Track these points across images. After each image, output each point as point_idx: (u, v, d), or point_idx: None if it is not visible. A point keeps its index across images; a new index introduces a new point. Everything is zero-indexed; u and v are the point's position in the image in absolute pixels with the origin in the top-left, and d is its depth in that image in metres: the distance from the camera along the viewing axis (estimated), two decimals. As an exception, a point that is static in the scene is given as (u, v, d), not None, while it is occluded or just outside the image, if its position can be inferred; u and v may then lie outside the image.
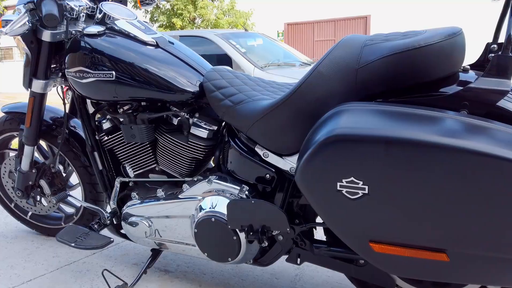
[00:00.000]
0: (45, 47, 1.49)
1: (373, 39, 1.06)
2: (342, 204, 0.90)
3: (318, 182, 0.91)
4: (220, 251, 1.28)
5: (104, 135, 1.52)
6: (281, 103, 1.11)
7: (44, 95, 1.62)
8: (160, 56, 1.36)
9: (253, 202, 1.16)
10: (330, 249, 1.22)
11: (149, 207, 1.42)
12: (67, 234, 1.44)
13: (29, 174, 1.76)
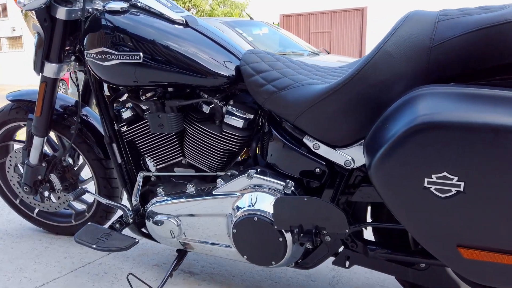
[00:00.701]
0: (59, 26, 1.33)
1: (447, 13, 0.93)
2: (428, 203, 0.78)
3: (400, 178, 0.79)
4: (263, 254, 1.15)
5: (124, 125, 1.38)
6: (340, 87, 0.98)
7: (57, 80, 1.46)
8: (191, 36, 1.22)
9: (306, 199, 1.03)
10: (387, 252, 1.09)
11: (178, 204, 1.28)
12: (87, 234, 1.30)
13: (38, 168, 1.61)
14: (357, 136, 1.02)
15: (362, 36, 15.22)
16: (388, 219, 1.14)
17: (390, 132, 0.80)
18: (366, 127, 1.00)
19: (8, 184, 1.83)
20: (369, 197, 1.10)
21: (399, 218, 0.84)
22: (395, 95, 0.95)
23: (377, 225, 1.11)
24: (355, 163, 1.05)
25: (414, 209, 0.80)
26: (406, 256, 1.08)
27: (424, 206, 0.79)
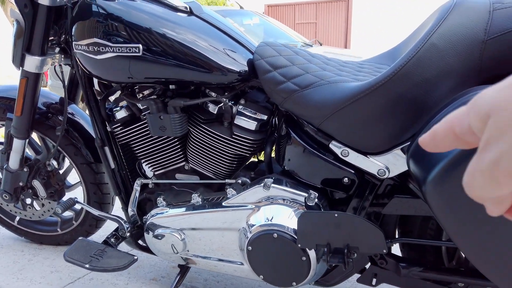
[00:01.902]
0: (42, 13, 1.15)
1: (501, 1, 0.81)
2: (492, 224, 0.66)
3: (460, 197, 0.66)
4: (283, 274, 1.02)
5: (118, 126, 1.22)
6: (378, 86, 0.84)
7: (39, 75, 1.28)
8: (196, 25, 1.06)
9: (337, 215, 0.90)
10: (422, 270, 0.98)
11: (182, 216, 1.14)
12: (78, 251, 1.14)
13: (20, 173, 1.43)
14: (394, 142, 0.90)
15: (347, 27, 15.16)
16: (420, 234, 1.03)
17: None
18: (406, 132, 0.88)
19: (-16, 190, 1.65)
20: (401, 210, 0.98)
21: (457, 242, 0.72)
22: (442, 95, 0.82)
23: (416, 242, 0.99)
24: (390, 172, 0.92)
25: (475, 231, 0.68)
26: (444, 274, 0.96)
27: (487, 229, 0.67)
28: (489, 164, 0.23)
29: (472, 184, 0.24)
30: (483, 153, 0.23)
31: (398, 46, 1.11)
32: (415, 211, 0.95)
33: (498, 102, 0.23)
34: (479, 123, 0.24)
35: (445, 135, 0.27)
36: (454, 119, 0.26)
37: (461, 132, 0.26)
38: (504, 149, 0.22)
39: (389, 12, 12.62)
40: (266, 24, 4.53)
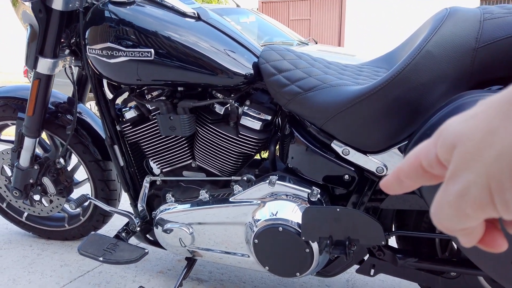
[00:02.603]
0: (55, 17, 1.20)
1: (490, 11, 0.88)
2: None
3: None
4: (288, 265, 1.08)
5: (128, 125, 1.27)
6: (378, 89, 0.91)
7: (51, 77, 1.33)
8: (204, 30, 1.12)
9: (339, 210, 0.97)
10: (417, 260, 1.05)
11: (191, 212, 1.20)
12: (91, 245, 1.20)
13: (30, 170, 1.48)
14: (391, 141, 0.96)
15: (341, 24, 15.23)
16: (416, 227, 1.10)
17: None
18: (403, 132, 0.94)
19: (-6, 187, 1.69)
20: (397, 205, 1.05)
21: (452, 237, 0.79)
22: (436, 98, 0.89)
23: (412, 234, 1.06)
24: (387, 169, 0.99)
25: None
26: (437, 264, 1.04)
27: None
28: (456, 196, 0.22)
29: (440, 216, 0.24)
30: (450, 184, 0.23)
31: (394, 51, 1.17)
32: (410, 206, 1.02)
33: (463, 132, 0.22)
34: (446, 154, 0.23)
35: (411, 170, 0.26)
36: (421, 151, 0.26)
37: (428, 164, 0.25)
38: (471, 180, 0.21)
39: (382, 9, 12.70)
40: (262, 22, 4.58)
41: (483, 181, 0.21)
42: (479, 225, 0.24)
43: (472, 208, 0.22)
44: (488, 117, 0.22)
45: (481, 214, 0.22)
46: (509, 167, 0.20)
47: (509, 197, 0.20)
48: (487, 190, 0.21)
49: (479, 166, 0.21)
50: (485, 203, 0.21)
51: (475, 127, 0.22)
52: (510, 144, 0.20)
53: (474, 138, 0.22)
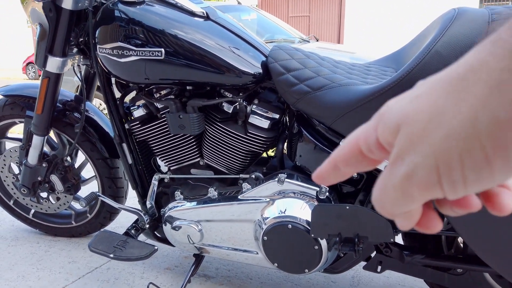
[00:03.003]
0: (65, 16, 1.21)
1: (498, 12, 0.89)
2: (496, 216, 0.74)
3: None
4: (297, 262, 1.10)
5: (136, 124, 1.28)
6: (388, 89, 0.92)
7: (60, 76, 1.34)
8: (213, 30, 1.13)
9: (348, 208, 0.99)
10: (424, 257, 1.07)
11: (200, 209, 1.21)
12: (102, 242, 1.21)
13: (38, 168, 1.50)
14: (400, 140, 0.98)
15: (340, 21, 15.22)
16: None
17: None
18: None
19: (1, 184, 1.71)
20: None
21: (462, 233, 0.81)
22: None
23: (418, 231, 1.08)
24: (396, 168, 1.01)
25: (480, 223, 0.77)
26: (444, 261, 1.06)
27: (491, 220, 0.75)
28: (402, 178, 0.21)
29: (383, 200, 0.23)
30: (395, 167, 0.22)
31: (402, 51, 1.19)
32: None
33: (408, 113, 0.22)
34: (389, 137, 0.23)
35: (349, 156, 0.25)
36: (359, 136, 0.25)
37: (368, 149, 0.24)
38: (418, 162, 0.21)
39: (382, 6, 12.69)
40: (263, 19, 4.58)
41: (431, 162, 0.20)
42: (419, 207, 0.23)
43: (418, 190, 0.21)
44: (433, 97, 0.21)
45: (427, 196, 0.21)
46: (458, 148, 0.19)
47: (456, 177, 0.20)
48: (435, 171, 0.20)
49: (426, 147, 0.21)
50: (432, 184, 0.21)
51: (420, 108, 0.21)
52: (459, 124, 0.20)
53: (420, 119, 0.21)
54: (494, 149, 0.19)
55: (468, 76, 0.20)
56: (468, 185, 0.20)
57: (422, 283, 1.38)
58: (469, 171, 0.19)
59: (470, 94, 0.20)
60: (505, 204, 0.23)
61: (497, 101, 0.19)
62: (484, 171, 0.19)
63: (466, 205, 0.23)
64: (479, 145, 0.19)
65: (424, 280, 1.19)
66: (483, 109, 0.19)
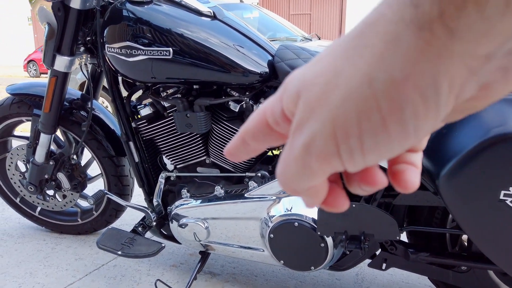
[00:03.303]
0: (73, 16, 1.22)
1: None
2: (503, 215, 0.76)
3: (474, 190, 0.76)
4: (303, 260, 1.12)
5: (143, 122, 1.29)
6: None
7: (68, 74, 1.36)
8: (220, 29, 1.15)
9: (354, 206, 1.00)
10: (429, 255, 1.08)
11: (207, 207, 1.23)
12: (110, 239, 1.23)
13: (46, 166, 1.51)
14: (406, 139, 0.99)
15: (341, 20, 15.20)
16: (427, 222, 1.13)
17: (461, 143, 0.77)
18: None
19: (7, 182, 1.72)
20: (410, 201, 1.07)
21: (468, 231, 0.82)
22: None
23: (424, 229, 1.09)
24: (401, 167, 1.02)
25: (486, 221, 0.78)
26: (449, 259, 1.07)
27: (498, 219, 0.76)
28: (301, 149, 0.20)
29: (286, 175, 0.22)
30: (295, 137, 0.21)
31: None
32: (422, 202, 1.05)
33: (308, 78, 0.20)
34: (291, 105, 0.21)
35: (257, 129, 0.24)
36: (266, 108, 0.23)
37: (274, 121, 0.23)
38: (316, 129, 0.19)
39: (383, 4, 12.68)
40: (265, 17, 4.59)
41: (329, 129, 0.19)
42: (324, 183, 0.22)
43: (317, 161, 0.20)
44: (332, 58, 0.19)
45: (327, 168, 0.20)
46: (355, 110, 0.18)
47: (354, 145, 0.19)
48: (333, 138, 0.19)
49: (324, 113, 0.19)
50: (330, 154, 0.19)
51: (319, 71, 0.20)
52: (356, 84, 0.18)
53: (318, 82, 0.20)
54: (390, 111, 0.17)
55: (365, 31, 0.18)
56: (366, 154, 0.19)
57: (426, 280, 1.40)
58: (366, 136, 0.18)
59: (367, 50, 0.18)
60: (411, 181, 0.22)
61: (392, 58, 0.17)
62: (381, 137, 0.18)
63: (372, 182, 0.21)
64: (376, 106, 0.18)
65: (428, 278, 1.21)
66: (379, 67, 0.17)
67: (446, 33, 0.16)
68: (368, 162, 0.19)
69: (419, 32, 0.16)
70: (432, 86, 0.17)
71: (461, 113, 0.20)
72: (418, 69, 0.17)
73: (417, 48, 0.17)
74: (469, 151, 0.75)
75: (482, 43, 0.16)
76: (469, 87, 0.18)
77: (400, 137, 0.18)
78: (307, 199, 0.23)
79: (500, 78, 0.18)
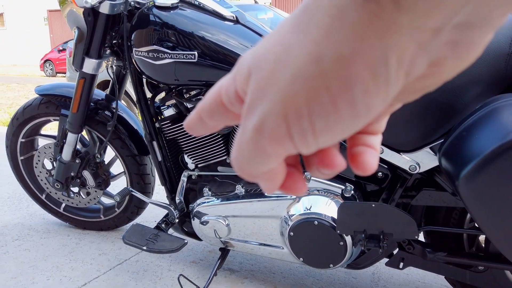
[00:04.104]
0: (101, 20, 1.28)
1: None
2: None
3: (495, 192, 0.78)
4: (322, 257, 1.15)
5: (167, 123, 1.34)
6: None
7: (95, 76, 1.41)
8: (242, 33, 1.19)
9: (374, 206, 1.03)
10: (447, 255, 1.10)
11: (228, 205, 1.27)
12: (135, 235, 1.28)
13: (72, 164, 1.57)
14: (424, 141, 1.02)
15: (355, 19, 15.10)
16: (444, 222, 1.15)
17: (481, 145, 0.79)
18: (435, 132, 1.00)
19: (34, 179, 1.79)
20: (429, 201, 1.10)
21: (487, 231, 0.84)
22: (470, 100, 0.94)
23: (443, 230, 1.11)
24: (420, 167, 1.05)
25: (506, 222, 0.80)
26: (466, 259, 1.09)
27: (515, 219, 0.79)
28: (253, 131, 0.19)
29: (239, 160, 0.21)
30: (246, 119, 0.20)
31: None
32: (440, 202, 1.08)
33: (258, 55, 0.19)
34: (244, 85, 0.20)
35: (212, 108, 0.23)
36: (221, 87, 0.22)
37: (229, 101, 0.22)
38: (266, 110, 0.18)
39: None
40: (280, 18, 4.61)
41: (279, 109, 0.18)
42: (280, 167, 0.21)
43: (270, 143, 0.19)
44: (282, 34, 0.18)
45: (280, 150, 0.19)
46: (305, 89, 0.17)
47: (305, 126, 0.18)
48: (284, 119, 0.18)
49: (275, 92, 0.18)
50: (282, 136, 0.18)
51: (269, 48, 0.19)
52: (303, 63, 0.17)
53: (268, 60, 0.18)
54: (339, 90, 0.17)
55: (310, 6, 0.17)
56: (318, 135, 0.18)
57: (442, 280, 1.42)
58: (316, 117, 0.17)
59: (313, 26, 0.17)
60: (369, 162, 0.22)
61: (339, 33, 0.16)
62: (332, 117, 0.17)
63: (330, 164, 0.21)
64: (325, 85, 0.17)
65: (445, 277, 1.23)
66: (326, 43, 0.16)
67: (392, 4, 0.15)
68: (321, 144, 0.19)
69: (365, 4, 0.16)
70: (381, 61, 0.16)
71: (413, 93, 0.19)
72: (366, 44, 0.16)
73: (364, 22, 0.16)
74: (490, 152, 0.77)
75: (430, 15, 0.15)
76: (419, 62, 0.17)
77: (351, 117, 0.17)
78: (264, 184, 0.22)
79: (449, 53, 0.17)
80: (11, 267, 1.52)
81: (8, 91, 8.62)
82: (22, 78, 12.64)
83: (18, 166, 1.78)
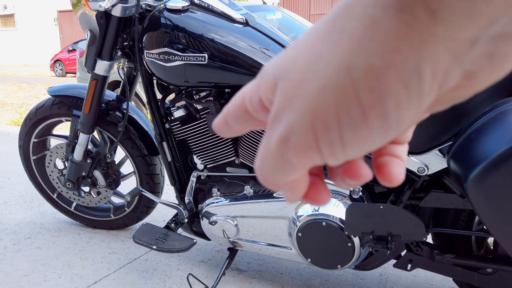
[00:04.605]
0: (113, 23, 1.30)
1: None
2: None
3: (504, 194, 0.79)
4: (330, 258, 1.16)
5: (177, 124, 1.36)
6: None
7: (107, 78, 1.43)
8: (253, 35, 1.20)
9: (382, 207, 1.04)
10: (455, 257, 1.10)
11: (237, 206, 1.28)
12: (145, 234, 1.30)
13: (83, 164, 1.60)
14: (433, 143, 1.02)
15: (363, 19, 15.03)
16: (453, 224, 1.15)
17: (490, 147, 0.80)
18: (444, 135, 1.00)
19: (46, 178, 1.82)
20: (437, 203, 1.10)
21: (495, 234, 0.85)
22: (478, 102, 0.94)
23: (451, 232, 1.12)
24: (429, 169, 1.05)
25: None
26: (475, 261, 1.09)
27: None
28: (279, 141, 0.19)
29: (263, 170, 0.20)
30: (272, 129, 0.19)
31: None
32: (449, 205, 1.08)
33: (284, 64, 0.19)
34: (269, 94, 0.20)
35: (237, 114, 0.23)
36: (246, 94, 0.22)
37: (253, 109, 0.22)
38: (294, 120, 0.18)
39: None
40: (288, 19, 4.63)
41: (307, 120, 0.18)
42: (304, 177, 0.21)
43: (296, 154, 0.19)
44: (310, 43, 0.18)
45: (306, 161, 0.19)
46: (334, 101, 0.17)
47: (334, 137, 0.17)
48: (312, 130, 0.18)
49: (302, 103, 0.18)
50: (310, 147, 0.18)
51: (296, 57, 0.18)
52: (333, 73, 0.17)
53: (296, 70, 0.18)
54: (370, 102, 0.16)
55: (342, 14, 0.17)
56: (346, 147, 0.18)
57: (450, 282, 1.42)
58: (346, 129, 0.17)
59: (345, 35, 0.17)
60: (395, 173, 0.21)
61: (371, 44, 0.16)
62: (362, 129, 0.17)
63: (355, 175, 0.20)
64: (355, 97, 0.16)
65: (453, 279, 1.23)
66: (358, 53, 0.16)
67: (428, 15, 0.15)
68: (350, 156, 0.18)
69: (400, 15, 0.15)
70: (415, 73, 0.16)
71: (444, 104, 0.19)
72: (400, 56, 0.16)
73: (397, 33, 0.15)
74: (498, 155, 0.77)
75: (465, 26, 0.15)
76: (453, 74, 0.17)
77: (381, 130, 0.17)
78: (287, 194, 0.22)
79: (485, 65, 0.17)
80: (24, 265, 1.55)
81: (19, 91, 8.73)
82: (33, 78, 12.79)
83: (30, 165, 1.81)
